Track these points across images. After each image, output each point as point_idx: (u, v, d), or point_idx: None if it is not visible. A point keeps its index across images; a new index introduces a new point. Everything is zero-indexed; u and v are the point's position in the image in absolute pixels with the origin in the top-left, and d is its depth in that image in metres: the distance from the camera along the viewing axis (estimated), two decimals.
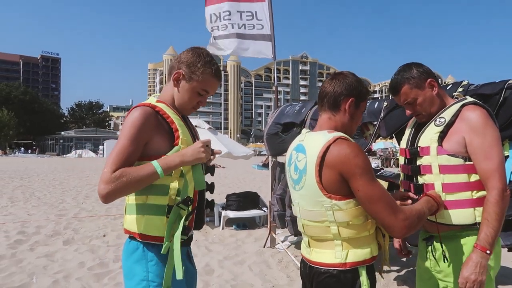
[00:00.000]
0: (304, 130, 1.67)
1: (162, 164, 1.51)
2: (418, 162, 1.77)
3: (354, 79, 1.61)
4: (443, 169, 1.69)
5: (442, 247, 1.74)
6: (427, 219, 1.71)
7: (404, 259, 4.90)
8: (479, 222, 1.64)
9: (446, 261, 1.73)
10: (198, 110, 1.80)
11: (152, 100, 1.68)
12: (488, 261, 1.59)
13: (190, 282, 1.75)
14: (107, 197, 1.45)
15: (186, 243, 1.69)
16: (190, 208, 1.61)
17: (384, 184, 3.85)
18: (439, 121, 1.73)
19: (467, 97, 1.79)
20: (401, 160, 1.92)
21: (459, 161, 1.66)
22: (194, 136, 1.76)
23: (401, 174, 1.95)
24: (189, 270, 1.74)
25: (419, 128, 1.85)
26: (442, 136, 1.70)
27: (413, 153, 1.80)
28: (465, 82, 3.14)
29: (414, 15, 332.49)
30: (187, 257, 1.75)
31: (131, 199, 1.63)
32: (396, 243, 2.02)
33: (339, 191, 1.46)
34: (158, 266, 1.57)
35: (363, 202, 1.44)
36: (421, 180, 1.77)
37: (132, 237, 1.62)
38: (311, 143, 1.54)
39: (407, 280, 4.14)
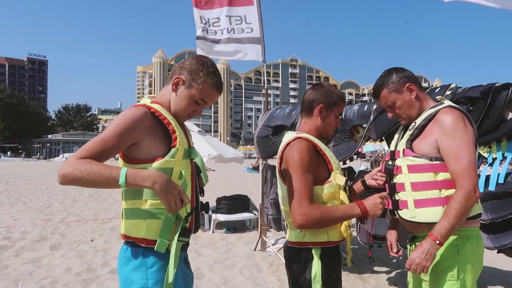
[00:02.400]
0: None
1: (130, 178, 1.41)
2: (395, 164, 1.87)
3: (326, 89, 1.91)
4: (410, 169, 1.78)
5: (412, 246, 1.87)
6: (403, 218, 1.82)
7: (394, 261, 4.92)
8: None
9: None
10: None
11: (146, 101, 1.64)
12: (437, 250, 1.65)
13: (188, 287, 1.72)
14: (62, 179, 1.41)
15: (183, 248, 1.66)
16: (188, 208, 1.60)
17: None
18: (411, 126, 1.84)
19: (445, 101, 1.85)
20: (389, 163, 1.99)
21: (424, 161, 1.74)
22: (189, 140, 1.73)
23: None
24: (187, 275, 1.72)
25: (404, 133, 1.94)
26: (412, 138, 1.80)
27: (392, 156, 1.92)
28: (453, 85, 3.17)
29: (403, 19, 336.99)
30: (185, 262, 1.72)
31: (128, 204, 1.58)
32: (388, 241, 2.06)
33: None
34: (158, 273, 1.52)
35: (287, 188, 1.77)
36: (395, 180, 1.87)
37: (130, 243, 1.57)
38: (282, 142, 1.88)
39: (397, 282, 4.16)
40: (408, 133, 1.84)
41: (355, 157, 4.03)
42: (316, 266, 1.75)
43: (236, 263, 4.94)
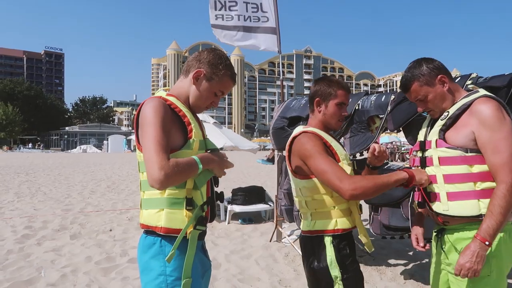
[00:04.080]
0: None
1: (203, 163, 1.56)
2: (426, 155, 1.81)
3: (322, 81, 1.97)
4: (442, 161, 1.71)
5: (445, 239, 1.78)
6: (435, 211, 1.75)
7: (411, 253, 4.89)
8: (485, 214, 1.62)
9: (443, 252, 1.80)
10: None
11: (162, 93, 1.68)
12: (487, 252, 1.59)
13: (205, 275, 1.76)
14: (166, 183, 1.44)
15: (200, 237, 1.69)
16: (204, 197, 1.64)
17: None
18: (444, 116, 1.75)
19: (480, 90, 1.75)
20: (418, 154, 1.93)
21: (457, 153, 1.66)
22: (203, 131, 1.76)
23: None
24: (205, 263, 1.75)
25: (434, 123, 1.86)
26: (445, 129, 1.71)
27: (422, 146, 1.84)
28: (473, 75, 3.10)
29: (419, 8, 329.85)
30: (202, 250, 1.75)
31: (147, 194, 1.62)
32: (413, 235, 2.00)
33: (302, 172, 1.87)
34: (175, 261, 1.57)
35: (316, 176, 1.79)
36: (428, 172, 1.80)
37: (148, 231, 1.62)
38: (290, 137, 1.96)
39: (414, 274, 4.13)
40: (440, 122, 1.74)
41: None
42: (330, 253, 1.80)
43: (252, 253, 4.98)
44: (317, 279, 1.85)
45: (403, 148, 30.37)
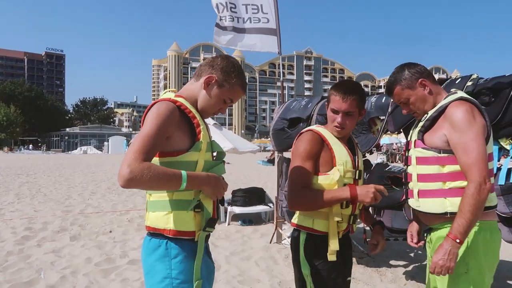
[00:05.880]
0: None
1: (190, 182, 1.50)
2: (408, 154, 1.93)
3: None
4: (418, 161, 1.82)
5: (431, 238, 1.87)
6: (412, 208, 1.90)
7: (411, 254, 4.88)
8: (452, 212, 1.70)
9: (429, 248, 1.89)
10: None
11: (170, 95, 1.68)
12: (460, 249, 1.65)
13: (209, 277, 1.75)
14: (129, 183, 1.39)
15: (206, 239, 1.69)
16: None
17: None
18: (424, 117, 1.86)
19: (458, 92, 1.83)
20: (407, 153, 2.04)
21: (431, 154, 1.76)
22: (209, 133, 1.77)
23: None
24: (209, 265, 1.76)
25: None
26: (424, 130, 1.82)
27: (407, 146, 1.98)
28: (474, 76, 3.10)
29: (420, 8, 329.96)
30: (206, 253, 1.75)
31: (154, 196, 1.62)
32: (409, 232, 2.08)
33: None
34: (182, 264, 1.57)
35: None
36: (408, 170, 1.92)
37: (153, 234, 1.61)
38: None
39: (415, 276, 4.12)
40: (420, 124, 1.85)
41: (374, 149, 3.99)
42: (301, 250, 1.87)
43: (252, 255, 4.97)
44: (296, 272, 1.95)
45: (403, 150, 30.38)
